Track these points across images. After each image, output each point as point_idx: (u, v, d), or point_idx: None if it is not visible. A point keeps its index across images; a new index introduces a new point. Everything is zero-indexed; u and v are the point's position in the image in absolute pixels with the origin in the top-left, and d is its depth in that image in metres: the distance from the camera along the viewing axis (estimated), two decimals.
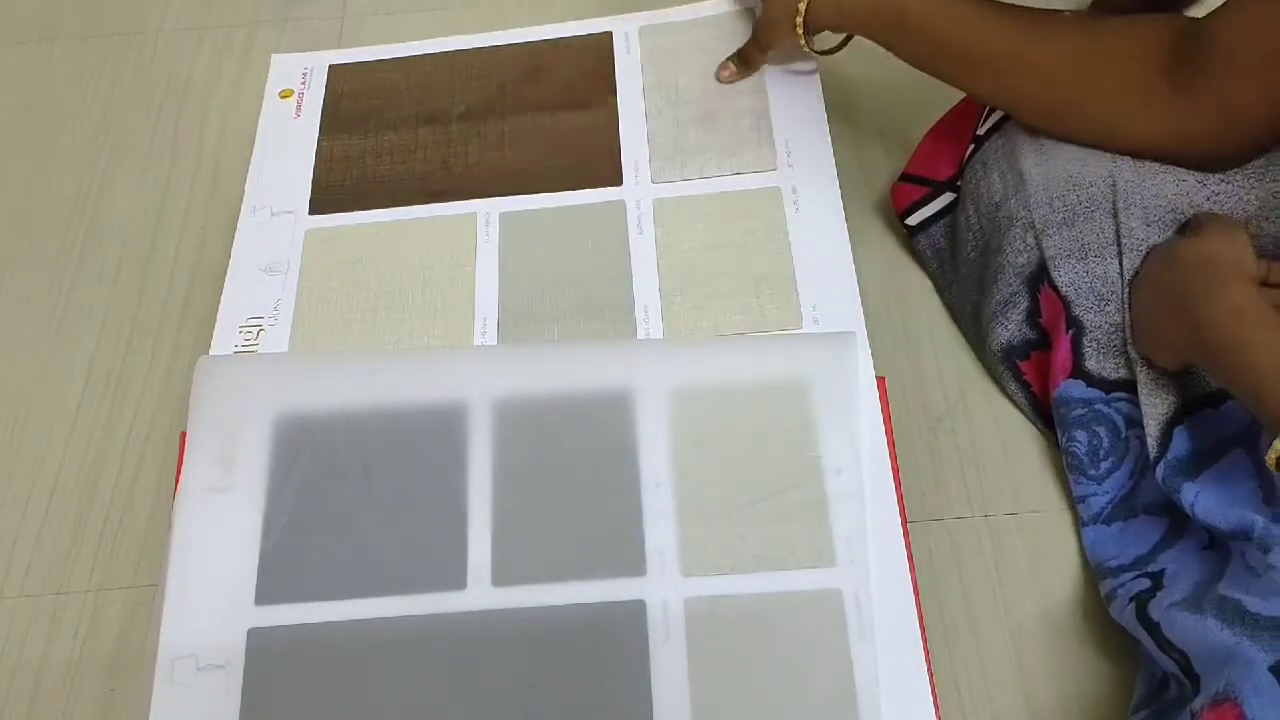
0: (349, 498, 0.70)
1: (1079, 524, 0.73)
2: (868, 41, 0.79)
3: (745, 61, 0.87)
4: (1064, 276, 0.73)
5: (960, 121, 0.83)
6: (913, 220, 0.86)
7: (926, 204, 0.85)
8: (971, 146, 0.81)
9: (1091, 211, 0.72)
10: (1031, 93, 0.74)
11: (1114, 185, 0.72)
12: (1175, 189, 0.72)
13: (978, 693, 0.69)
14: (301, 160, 0.87)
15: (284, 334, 0.78)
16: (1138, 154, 0.72)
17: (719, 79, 0.87)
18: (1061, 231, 0.73)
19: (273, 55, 0.93)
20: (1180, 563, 0.67)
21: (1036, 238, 0.74)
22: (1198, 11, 0.74)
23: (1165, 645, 0.62)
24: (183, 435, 0.73)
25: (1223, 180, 0.72)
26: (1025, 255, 0.75)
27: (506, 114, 0.88)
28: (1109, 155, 0.73)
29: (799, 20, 0.80)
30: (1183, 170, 0.72)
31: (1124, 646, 0.68)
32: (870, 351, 0.73)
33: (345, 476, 0.71)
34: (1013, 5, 0.75)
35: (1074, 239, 0.73)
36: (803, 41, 0.82)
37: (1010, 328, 0.78)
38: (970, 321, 0.83)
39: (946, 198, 0.84)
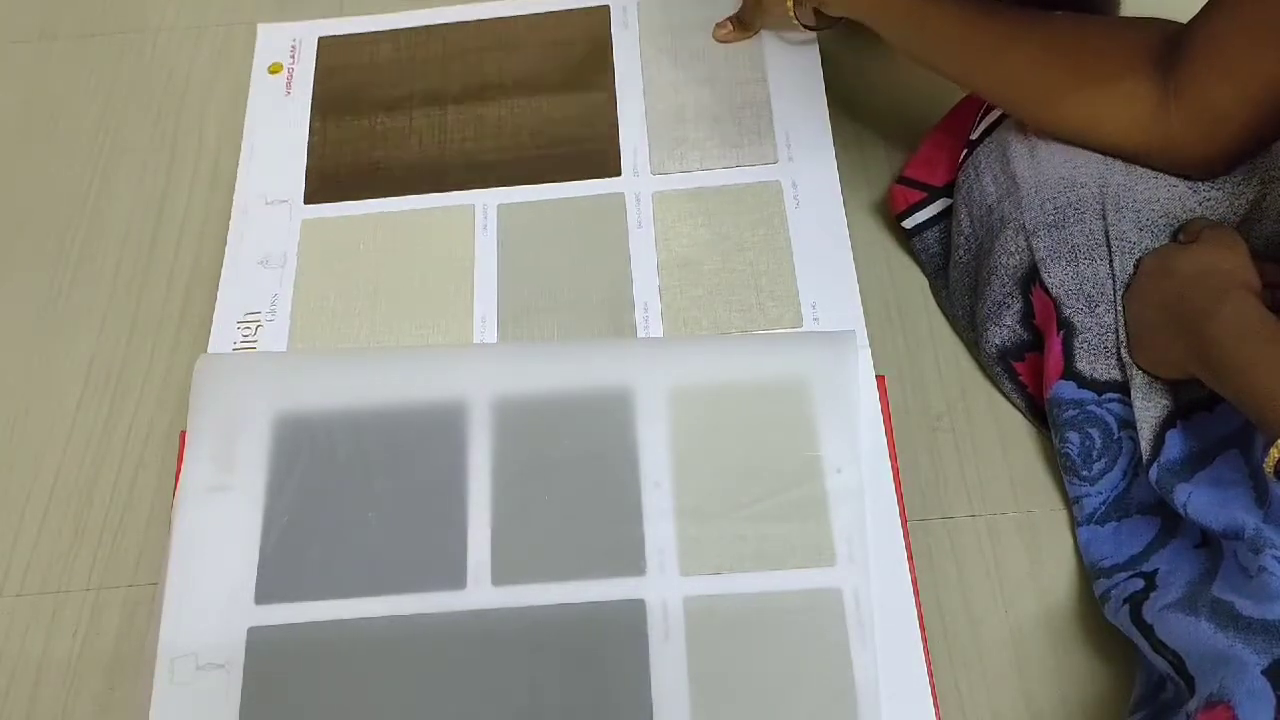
0: (349, 497, 0.70)
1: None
2: (870, 35, 0.79)
3: (743, 25, 0.88)
4: (1054, 278, 0.72)
5: (957, 126, 0.83)
6: (909, 223, 0.86)
7: (923, 208, 0.85)
8: (965, 151, 0.81)
9: (1081, 214, 0.72)
10: (1014, 84, 0.74)
11: (1104, 188, 0.72)
12: (1168, 193, 0.72)
13: (977, 693, 0.69)
14: (294, 143, 0.86)
15: (282, 329, 0.78)
16: (1118, 154, 0.72)
17: (715, 37, 0.88)
18: (1052, 233, 0.73)
19: (259, 25, 0.92)
20: (1173, 562, 0.67)
21: (1028, 239, 0.74)
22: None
23: (1159, 646, 0.62)
24: (183, 434, 0.73)
25: (1214, 186, 0.72)
26: (1017, 257, 0.75)
27: (504, 96, 0.87)
28: (1101, 158, 0.73)
29: None
30: (1174, 175, 0.72)
31: (1123, 646, 0.68)
32: (870, 351, 0.74)
33: (345, 476, 0.71)
34: None
35: (1064, 240, 0.72)
36: (792, 14, 0.83)
37: (1004, 329, 0.78)
38: (965, 324, 0.83)
39: (943, 203, 0.84)
